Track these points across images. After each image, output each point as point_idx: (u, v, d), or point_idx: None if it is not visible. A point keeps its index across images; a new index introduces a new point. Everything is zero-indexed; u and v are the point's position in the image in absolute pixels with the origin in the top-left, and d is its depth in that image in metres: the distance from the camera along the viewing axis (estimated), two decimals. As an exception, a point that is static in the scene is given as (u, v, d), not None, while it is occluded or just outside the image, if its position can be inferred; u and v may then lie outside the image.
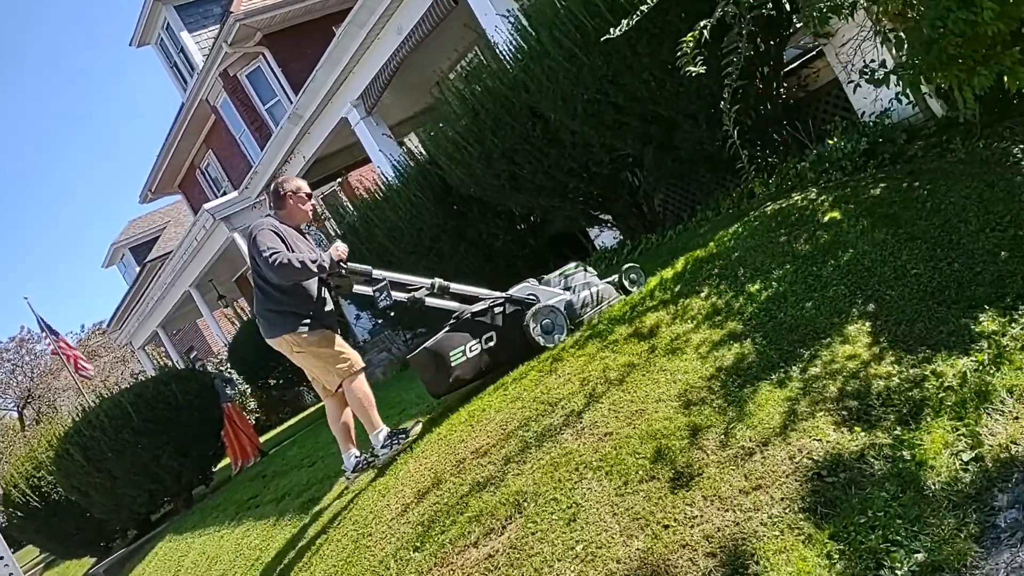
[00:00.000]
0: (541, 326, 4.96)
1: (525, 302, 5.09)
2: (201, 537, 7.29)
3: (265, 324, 4.93)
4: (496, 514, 3.51)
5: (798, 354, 3.68)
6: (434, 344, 4.98)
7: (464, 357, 4.92)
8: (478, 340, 4.97)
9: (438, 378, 4.98)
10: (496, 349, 5.00)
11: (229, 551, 6.04)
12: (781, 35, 5.96)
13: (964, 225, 4.19)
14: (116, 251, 32.15)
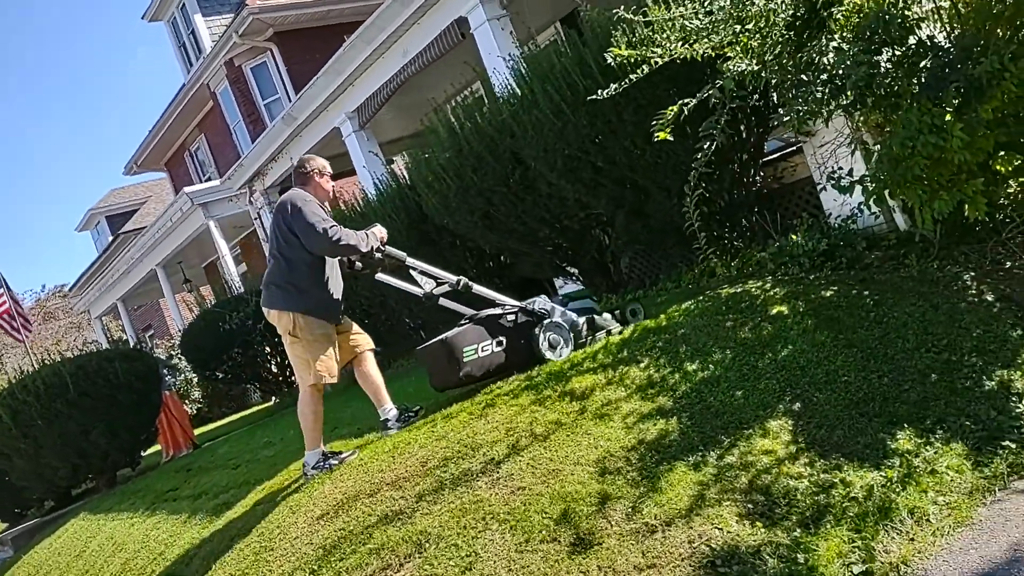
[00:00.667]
0: (548, 340, 5.15)
1: (537, 314, 5.26)
2: (113, 521, 7.18)
3: (275, 294, 4.87)
4: (397, 550, 3.52)
5: (718, 440, 3.75)
6: (450, 337, 5.07)
7: (476, 355, 5.05)
8: (490, 342, 5.11)
9: (448, 370, 5.08)
10: (506, 353, 5.15)
11: (136, 541, 5.97)
12: (765, 125, 6.11)
13: (902, 341, 4.30)
14: (92, 217, 31.86)
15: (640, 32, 5.30)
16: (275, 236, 4.87)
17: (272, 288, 4.88)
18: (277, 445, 6.79)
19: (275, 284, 4.86)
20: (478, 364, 5.05)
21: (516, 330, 5.20)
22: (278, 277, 4.86)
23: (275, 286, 4.86)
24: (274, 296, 4.87)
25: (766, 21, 4.94)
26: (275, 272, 4.88)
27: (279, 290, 4.84)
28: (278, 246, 4.85)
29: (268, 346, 12.64)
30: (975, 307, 4.51)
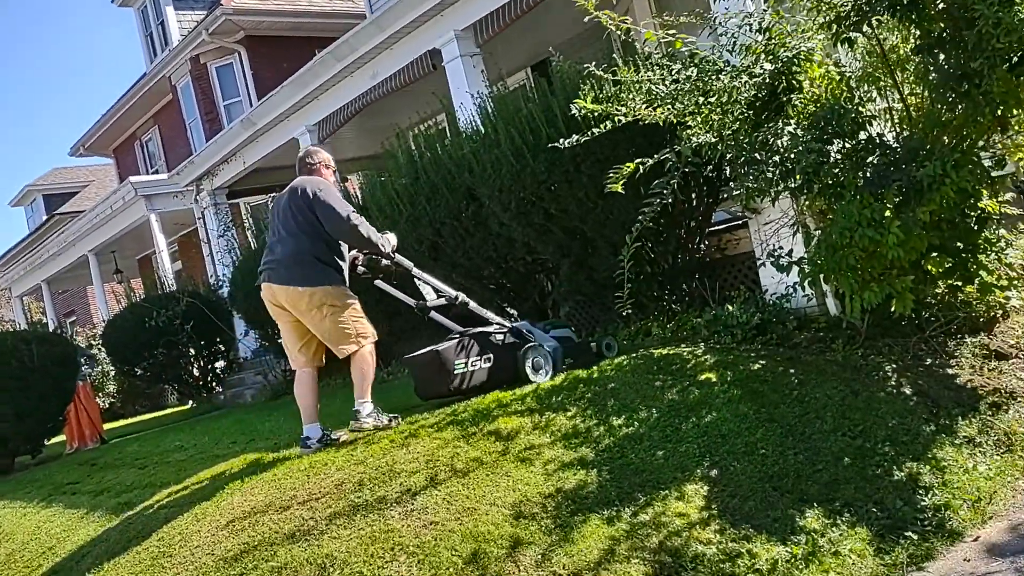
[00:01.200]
0: (533, 362, 5.36)
1: (524, 337, 5.48)
2: (3, 509, 6.86)
3: (297, 272, 4.80)
4: (300, 571, 3.45)
5: (635, 497, 3.79)
6: (443, 349, 5.22)
7: (465, 368, 5.25)
8: (479, 357, 5.32)
9: (437, 380, 5.24)
10: (492, 370, 5.34)
11: (27, 531, 5.72)
12: (715, 196, 6.29)
13: (820, 422, 4.42)
14: (29, 193, 30.89)
15: (608, 89, 5.43)
16: (290, 217, 4.89)
17: (293, 267, 4.83)
18: (189, 450, 6.61)
19: (297, 263, 4.83)
20: (466, 377, 5.24)
21: (503, 349, 5.41)
22: (301, 255, 4.84)
23: (297, 264, 4.83)
24: (295, 274, 4.82)
25: (728, 97, 5.11)
26: (295, 251, 4.85)
27: (302, 267, 4.82)
28: (297, 225, 4.87)
29: (193, 348, 12.39)
30: (892, 398, 4.67)
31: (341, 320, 4.85)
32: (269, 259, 4.97)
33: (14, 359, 9.22)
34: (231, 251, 12.03)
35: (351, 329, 4.89)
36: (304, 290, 4.79)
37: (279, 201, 5.11)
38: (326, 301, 4.82)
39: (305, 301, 4.81)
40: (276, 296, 4.90)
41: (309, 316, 4.86)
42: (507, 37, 9.07)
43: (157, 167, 20.32)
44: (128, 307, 12.73)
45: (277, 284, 4.87)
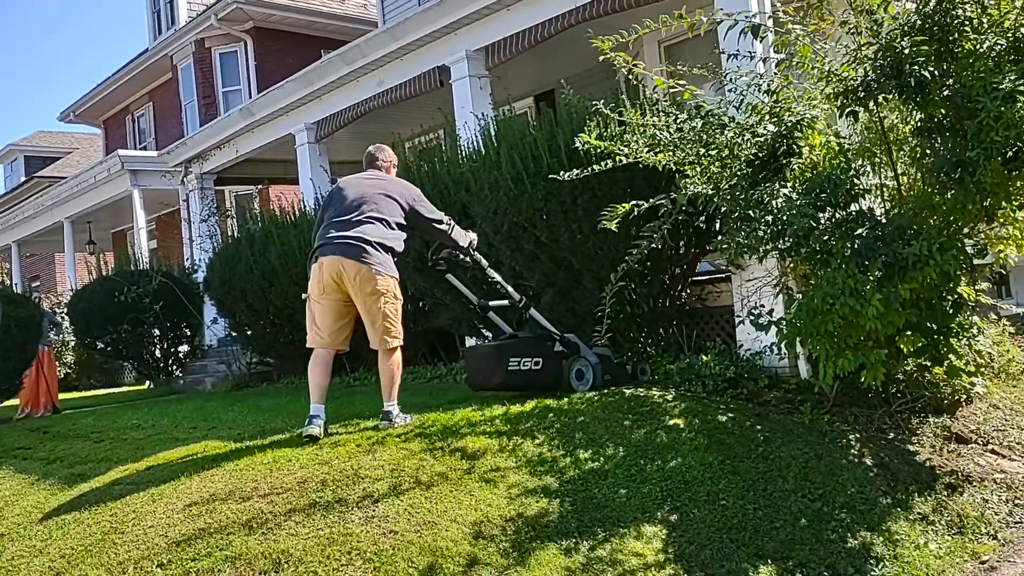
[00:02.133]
0: (576, 371, 5.73)
1: (574, 346, 5.80)
2: (-52, 466, 6.72)
3: (374, 255, 4.94)
4: (253, 563, 3.43)
5: (594, 532, 3.81)
6: (503, 345, 5.68)
7: (519, 367, 5.61)
8: (531, 359, 5.66)
9: (492, 373, 5.65)
10: (539, 372, 5.67)
11: (-29, 491, 5.60)
12: (702, 247, 6.38)
13: (782, 481, 4.48)
14: (11, 152, 30.51)
15: (612, 128, 5.52)
16: (373, 204, 5.09)
17: (372, 250, 4.95)
18: (147, 429, 6.53)
19: (376, 248, 4.98)
20: (517, 376, 5.61)
21: (552, 355, 5.74)
22: (382, 242, 5.01)
23: (376, 249, 4.97)
24: (372, 257, 4.94)
25: (729, 152, 5.22)
26: (377, 236, 5.00)
27: (380, 253, 4.98)
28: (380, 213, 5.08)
29: (159, 329, 12.26)
30: (854, 467, 4.74)
31: (394, 313, 5.04)
32: (341, 235, 5.00)
33: (-23, 316, 9.08)
34: (212, 237, 11.94)
35: (399, 325, 5.08)
36: (376, 274, 4.93)
37: (352, 184, 5.32)
38: (389, 290, 5.00)
39: (373, 285, 4.93)
40: (344, 271, 4.95)
41: (370, 300, 4.95)
42: (516, 64, 9.18)
43: (146, 144, 20.18)
44: (99, 279, 12.57)
45: (350, 259, 4.93)
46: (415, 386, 7.53)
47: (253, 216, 10.68)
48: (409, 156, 8.19)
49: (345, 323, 5.12)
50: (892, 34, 4.63)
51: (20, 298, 10.17)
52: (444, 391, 6.77)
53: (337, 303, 5.05)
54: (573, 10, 7.94)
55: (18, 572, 4.05)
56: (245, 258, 9.63)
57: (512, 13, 8.60)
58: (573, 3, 7.94)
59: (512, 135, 6.48)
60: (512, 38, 8.65)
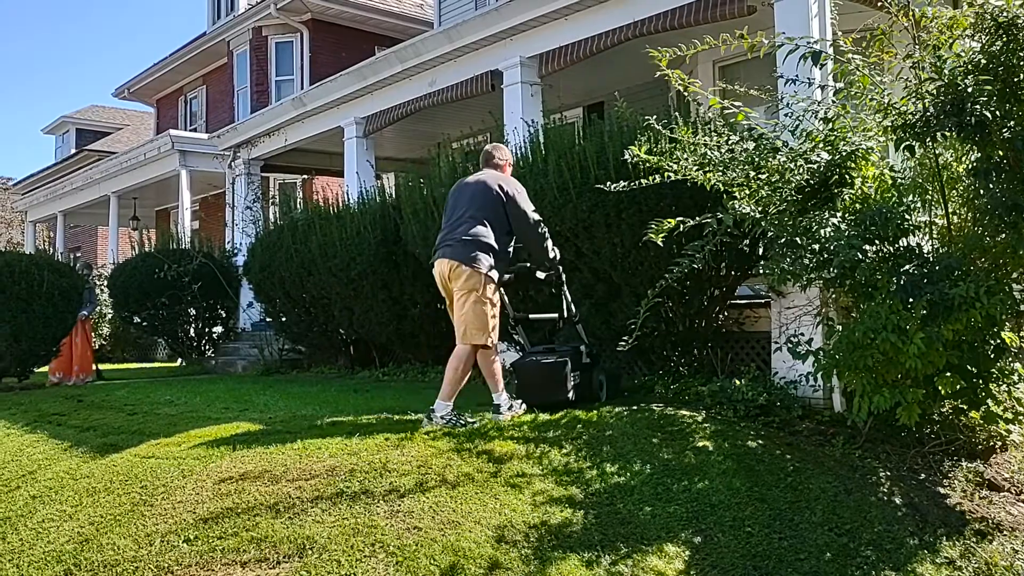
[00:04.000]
0: (598, 381, 5.90)
1: (596, 358, 5.98)
2: (-15, 425, 6.88)
3: (464, 251, 5.11)
4: (278, 547, 3.47)
5: (617, 547, 3.80)
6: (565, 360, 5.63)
7: (575, 380, 5.64)
8: (576, 372, 5.70)
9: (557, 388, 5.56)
10: (579, 385, 5.69)
11: (8, 451, 5.72)
12: (743, 271, 6.34)
13: (810, 512, 4.43)
14: (63, 124, 31.08)
15: (663, 144, 5.51)
16: (477, 205, 5.24)
17: (464, 247, 5.12)
18: (179, 406, 6.62)
19: (470, 244, 5.13)
20: (575, 389, 5.60)
21: (585, 368, 5.80)
22: (477, 238, 5.15)
23: (468, 245, 5.12)
24: (461, 253, 5.11)
25: (780, 177, 5.19)
26: (473, 234, 5.16)
27: (471, 249, 5.12)
28: (483, 214, 5.21)
29: (195, 308, 12.43)
30: (883, 504, 4.68)
31: (483, 311, 5.10)
32: (448, 237, 5.24)
33: (24, 281, 9.27)
34: (256, 222, 12.09)
35: (488, 323, 5.14)
36: (466, 270, 5.07)
37: (464, 187, 5.46)
38: (477, 288, 5.08)
39: (462, 279, 5.09)
40: (443, 271, 5.19)
41: (459, 295, 5.14)
42: (568, 73, 9.20)
43: (196, 126, 20.48)
44: (140, 255, 12.77)
45: (447, 258, 5.16)
46: (443, 386, 7.55)
47: (296, 205, 10.80)
48: (456, 157, 8.24)
49: None
50: (955, 71, 4.58)
51: (65, 267, 10.37)
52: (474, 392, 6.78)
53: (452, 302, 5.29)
54: (631, 24, 7.95)
55: (48, 534, 4.13)
56: (286, 246, 9.74)
57: (570, 23, 8.62)
58: (631, 17, 7.94)
59: (561, 144, 6.49)
60: (567, 48, 8.67)
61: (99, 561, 3.67)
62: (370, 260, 8.62)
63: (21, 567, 3.93)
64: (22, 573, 3.87)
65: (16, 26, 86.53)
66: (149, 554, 3.59)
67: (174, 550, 3.55)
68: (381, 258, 8.57)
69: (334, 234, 9.03)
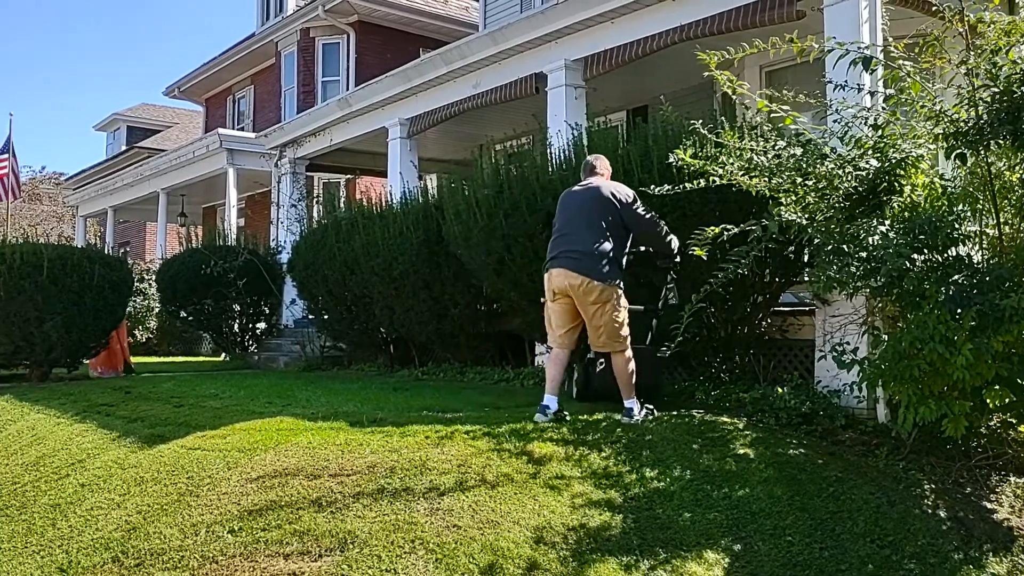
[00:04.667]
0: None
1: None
2: (38, 413, 7.06)
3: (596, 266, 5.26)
4: (320, 540, 3.52)
5: (655, 552, 3.79)
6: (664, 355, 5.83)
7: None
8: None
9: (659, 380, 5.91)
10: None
11: (58, 440, 5.88)
12: (788, 278, 6.28)
13: (852, 523, 4.38)
14: (115, 121, 31.77)
15: (709, 148, 5.49)
16: (595, 215, 5.39)
17: (595, 262, 5.28)
18: (224, 399, 6.74)
19: (599, 258, 5.29)
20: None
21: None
22: (604, 252, 5.31)
23: (599, 260, 5.28)
24: (594, 268, 5.27)
25: (828, 183, 5.13)
26: (599, 248, 5.32)
27: (602, 263, 5.28)
28: (603, 224, 5.36)
29: (239, 304, 12.63)
30: (927, 517, 4.60)
31: (619, 319, 5.29)
32: (567, 248, 5.38)
33: (76, 274, 9.49)
34: (300, 220, 12.25)
35: (624, 330, 5.32)
36: (598, 284, 5.23)
37: (574, 196, 5.59)
38: (611, 299, 5.26)
39: (595, 295, 5.24)
40: (569, 283, 5.30)
41: (592, 309, 5.28)
42: (612, 77, 9.19)
43: (244, 125, 20.80)
44: (188, 251, 13.01)
45: (575, 272, 5.28)
46: (483, 386, 7.61)
47: (340, 204, 10.93)
48: (500, 159, 8.27)
49: (574, 327, 5.48)
50: (1011, 78, 4.49)
51: (115, 261, 10.59)
52: (512, 394, 6.82)
53: (564, 308, 5.44)
54: (677, 28, 7.92)
55: (96, 522, 4.24)
56: (330, 244, 9.85)
57: (615, 27, 8.61)
58: (678, 21, 7.91)
59: (605, 147, 6.49)
60: (612, 51, 8.66)
61: (146, 549, 3.76)
62: (412, 260, 8.69)
63: (70, 553, 4.03)
64: (71, 559, 3.97)
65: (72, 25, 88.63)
66: (195, 544, 3.67)
67: (219, 540, 3.63)
68: (423, 258, 8.63)
69: (377, 233, 9.12)
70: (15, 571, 4.06)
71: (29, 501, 4.92)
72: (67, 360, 10.08)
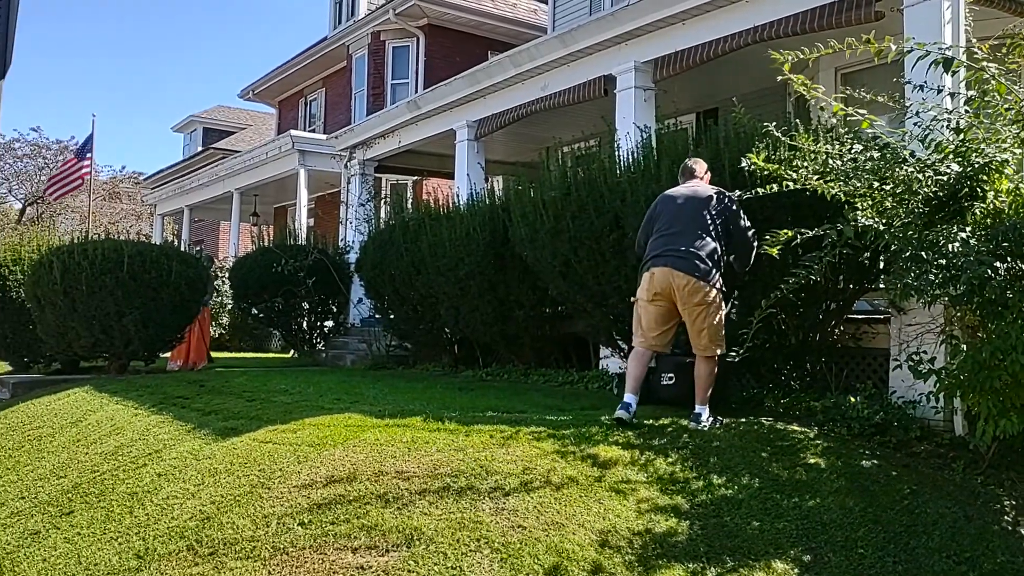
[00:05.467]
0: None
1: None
2: (116, 404, 7.32)
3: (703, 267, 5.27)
4: (387, 536, 3.56)
5: (723, 560, 3.74)
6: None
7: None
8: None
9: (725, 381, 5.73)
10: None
11: (135, 430, 6.08)
12: (862, 284, 6.13)
13: (927, 538, 4.25)
14: (192, 123, 32.73)
15: (781, 152, 5.39)
16: (700, 217, 5.39)
17: (702, 263, 5.29)
18: (294, 395, 6.88)
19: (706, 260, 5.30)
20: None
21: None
22: (711, 255, 5.34)
23: (705, 261, 5.30)
24: (702, 269, 5.29)
25: (906, 188, 4.99)
26: (706, 249, 5.33)
27: (709, 265, 5.31)
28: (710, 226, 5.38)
29: (308, 303, 12.86)
30: (1006, 534, 4.44)
31: (720, 322, 5.31)
32: (673, 247, 5.37)
33: (154, 270, 9.81)
34: (368, 221, 12.43)
35: (722, 333, 5.34)
36: (704, 285, 5.24)
37: (677, 197, 5.58)
38: (715, 301, 5.29)
39: (700, 296, 5.25)
40: (673, 283, 5.30)
41: (697, 310, 5.29)
42: (681, 79, 9.10)
43: (315, 127, 21.21)
44: (260, 250, 13.31)
45: (682, 271, 5.29)
46: (547, 388, 7.60)
47: (407, 205, 11.05)
48: (567, 161, 8.26)
49: (668, 328, 5.45)
50: (1105, 80, 4.31)
51: (191, 259, 10.91)
52: (577, 397, 6.81)
53: (663, 309, 5.39)
54: (751, 29, 7.80)
55: (172, 511, 4.37)
56: (397, 244, 9.97)
57: (686, 28, 8.53)
58: (751, 22, 7.79)
59: (675, 150, 6.43)
60: (684, 53, 8.57)
61: (219, 539, 3.86)
62: (478, 261, 8.74)
63: (147, 540, 4.16)
64: (148, 546, 4.10)
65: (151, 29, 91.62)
66: (266, 535, 3.76)
67: (289, 532, 3.70)
68: (489, 259, 8.67)
69: (443, 234, 9.20)
70: (95, 556, 4.21)
71: (108, 489, 5.10)
72: (144, 353, 10.42)
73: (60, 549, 4.41)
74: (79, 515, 4.83)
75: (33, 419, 7.66)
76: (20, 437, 7.17)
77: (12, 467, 6.33)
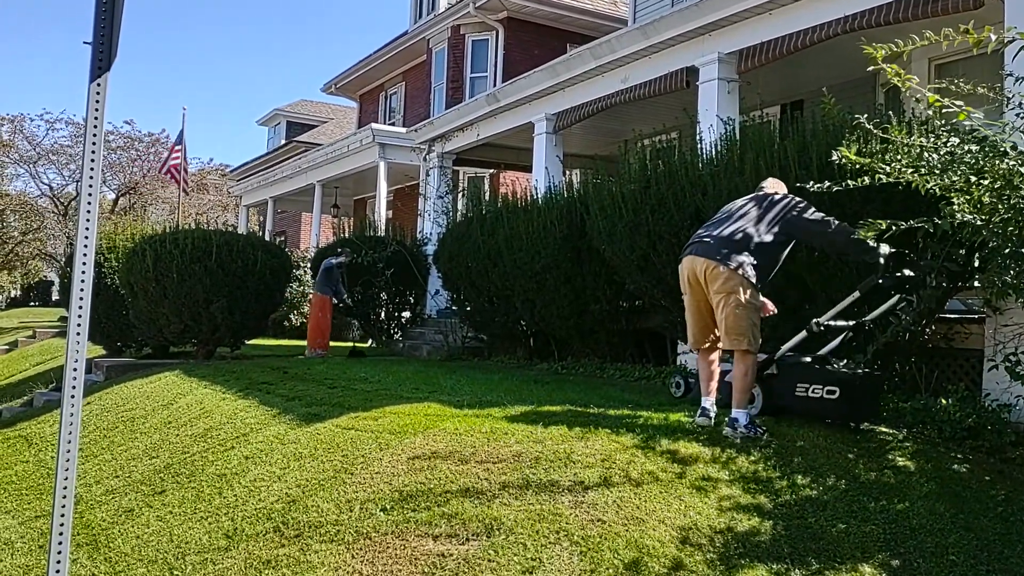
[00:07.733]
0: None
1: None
2: (204, 388, 7.56)
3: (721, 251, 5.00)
4: (468, 525, 3.59)
5: (807, 561, 3.65)
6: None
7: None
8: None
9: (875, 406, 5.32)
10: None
11: (223, 414, 6.27)
12: (956, 283, 5.90)
13: (1022, 547, 4.08)
14: (276, 116, 33.52)
15: (874, 144, 5.23)
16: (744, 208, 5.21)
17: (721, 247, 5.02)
18: (373, 383, 6.99)
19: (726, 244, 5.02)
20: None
21: None
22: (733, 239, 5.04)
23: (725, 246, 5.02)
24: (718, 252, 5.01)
25: (1007, 182, 4.78)
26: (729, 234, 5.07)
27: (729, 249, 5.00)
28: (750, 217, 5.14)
29: (386, 294, 13.05)
30: (1110, 546, 4.23)
31: (743, 313, 4.90)
32: (701, 235, 5.19)
33: (240, 259, 10.11)
34: (446, 213, 12.54)
35: (751, 331, 4.93)
36: (724, 271, 4.92)
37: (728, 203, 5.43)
38: (737, 290, 4.90)
39: (720, 282, 4.93)
40: (696, 267, 5.07)
41: (717, 298, 4.96)
42: (765, 71, 8.90)
43: (394, 120, 21.49)
44: (339, 241, 13.56)
45: (702, 256, 5.04)
46: (623, 383, 7.56)
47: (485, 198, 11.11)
48: (646, 154, 8.18)
49: (704, 325, 5.14)
50: None
51: (276, 249, 11.22)
52: (653, 392, 6.74)
53: (695, 304, 5.14)
54: (840, 19, 7.58)
55: (259, 493, 4.50)
56: (474, 237, 10.04)
57: (772, 18, 8.34)
58: (841, 12, 7.57)
59: (760, 142, 6.30)
60: (769, 44, 8.39)
61: (304, 521, 3.96)
62: (554, 254, 8.73)
63: (236, 520, 4.29)
64: (236, 527, 4.23)
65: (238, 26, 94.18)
66: (349, 519, 3.83)
67: (372, 518, 3.77)
68: (565, 252, 8.66)
69: (520, 227, 9.22)
70: (185, 534, 4.36)
71: (198, 470, 5.28)
72: (230, 339, 10.74)
73: (152, 527, 4.59)
74: (170, 494, 5.01)
75: (126, 401, 7.98)
76: (114, 418, 7.47)
77: (107, 447, 6.60)
